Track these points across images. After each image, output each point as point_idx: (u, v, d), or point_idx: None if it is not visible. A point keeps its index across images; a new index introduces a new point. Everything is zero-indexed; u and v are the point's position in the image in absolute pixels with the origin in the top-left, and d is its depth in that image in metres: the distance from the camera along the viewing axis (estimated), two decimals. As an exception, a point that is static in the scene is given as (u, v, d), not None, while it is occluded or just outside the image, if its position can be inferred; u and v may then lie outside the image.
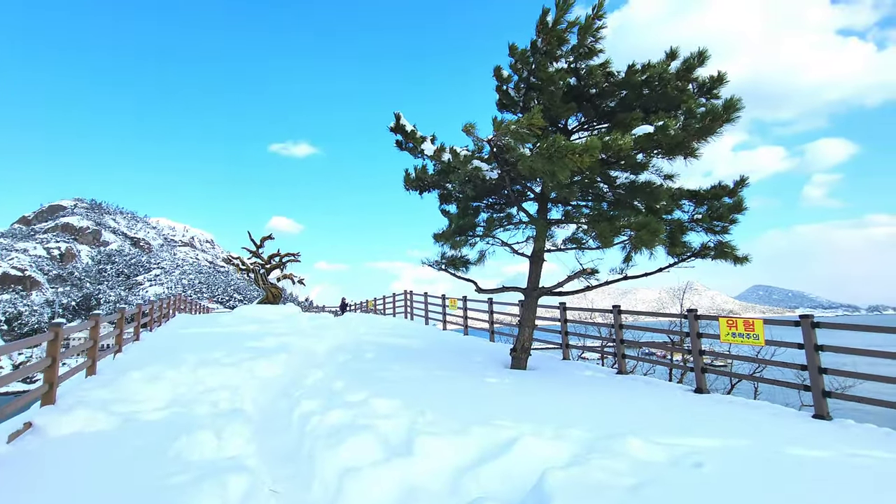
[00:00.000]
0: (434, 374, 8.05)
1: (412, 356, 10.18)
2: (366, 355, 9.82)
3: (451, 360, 10.14)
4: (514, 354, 9.82)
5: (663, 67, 8.72)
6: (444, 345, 12.66)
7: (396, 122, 8.62)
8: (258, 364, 8.71)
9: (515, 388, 7.28)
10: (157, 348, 10.01)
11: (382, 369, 8.34)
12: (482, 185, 8.93)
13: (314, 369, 8.56)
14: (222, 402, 6.32)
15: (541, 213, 9.90)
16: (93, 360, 7.48)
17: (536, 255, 9.90)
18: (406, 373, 8.09)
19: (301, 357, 9.91)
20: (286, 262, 25.07)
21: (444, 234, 9.52)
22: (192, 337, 11.71)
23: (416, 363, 9.18)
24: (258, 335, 12.06)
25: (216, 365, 8.43)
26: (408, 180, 10.60)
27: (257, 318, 16.79)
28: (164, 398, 6.62)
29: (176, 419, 5.40)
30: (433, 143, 8.89)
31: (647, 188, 8.56)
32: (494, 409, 5.67)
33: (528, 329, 9.90)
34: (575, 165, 6.74)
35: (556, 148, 6.69)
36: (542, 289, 9.70)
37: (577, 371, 9.83)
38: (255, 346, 10.61)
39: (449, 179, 10.38)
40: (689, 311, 8.76)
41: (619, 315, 10.39)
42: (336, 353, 10.44)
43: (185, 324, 14.90)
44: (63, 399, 5.93)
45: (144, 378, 7.35)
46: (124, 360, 8.86)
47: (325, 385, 7.19)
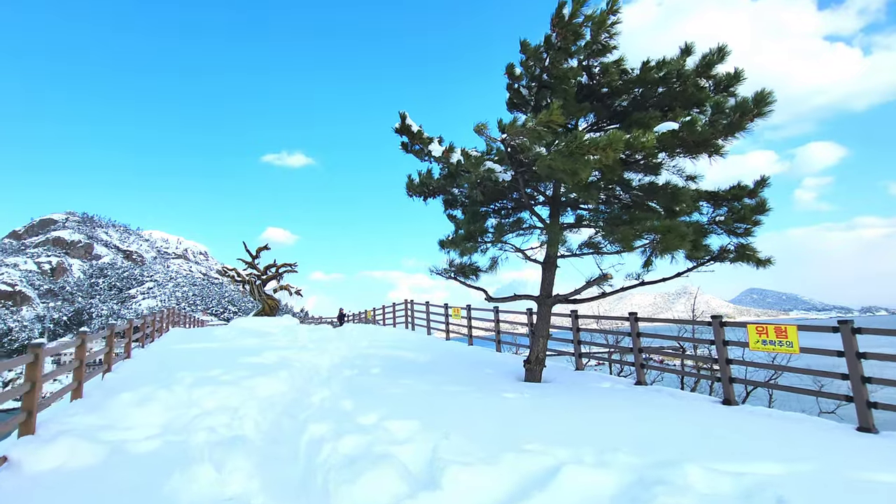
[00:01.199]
0: (447, 390, 7.53)
1: (420, 370, 9.65)
2: (372, 370, 9.29)
3: (462, 373, 9.62)
4: (529, 366, 9.32)
5: (680, 64, 8.37)
6: (451, 356, 12.14)
7: (402, 123, 8.17)
8: (259, 382, 8.14)
9: (536, 404, 6.77)
10: (150, 366, 9.42)
11: (392, 385, 7.81)
12: (494, 189, 8.49)
13: (320, 387, 8.02)
14: (221, 428, 5.76)
15: (553, 218, 9.47)
16: (79, 382, 6.90)
17: (549, 262, 9.45)
18: (417, 388, 7.57)
19: (304, 373, 9.35)
20: (283, 273, 24.48)
21: (452, 240, 9.05)
22: (186, 353, 11.12)
23: (426, 377, 8.66)
24: (257, 349, 11.49)
25: (213, 384, 7.86)
26: (411, 186, 10.15)
27: (255, 330, 16.18)
28: (156, 423, 6.06)
29: (170, 449, 4.84)
30: (441, 144, 8.46)
31: (667, 189, 8.15)
32: (521, 430, 5.16)
33: (542, 339, 9.42)
34: (598, 162, 6.31)
35: (578, 144, 6.27)
36: (558, 296, 9.23)
37: (594, 383, 9.33)
38: (254, 361, 10.04)
39: (456, 183, 9.94)
40: (714, 318, 8.32)
41: (636, 322, 9.95)
42: (340, 367, 9.89)
43: (179, 339, 14.28)
44: (44, 427, 5.36)
45: (135, 400, 6.78)
46: (114, 379, 8.28)
47: (333, 405, 6.66)
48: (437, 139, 8.49)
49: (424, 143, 8.26)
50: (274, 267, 24.54)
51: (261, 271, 24.17)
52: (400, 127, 8.23)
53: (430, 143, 8.34)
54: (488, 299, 9.81)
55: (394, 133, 8.82)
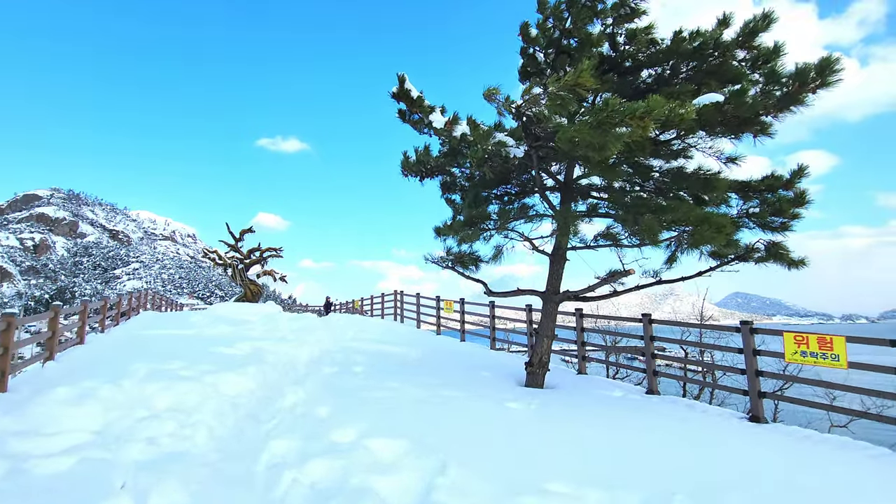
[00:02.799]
0: (441, 396, 6.52)
1: (410, 369, 8.64)
2: (355, 367, 8.25)
3: (456, 374, 8.63)
4: (531, 370, 8.35)
5: (717, 34, 7.37)
6: (444, 353, 11.15)
7: (400, 87, 7.07)
8: (224, 378, 7.07)
9: (545, 417, 5.79)
10: (103, 354, 8.29)
11: (377, 387, 6.79)
12: (502, 167, 7.44)
13: (293, 386, 6.97)
14: (164, 438, 4.71)
15: (564, 204, 8.46)
16: (2, 373, 5.78)
17: (559, 254, 8.45)
18: (407, 393, 6.55)
19: (279, 368, 8.29)
20: (267, 258, 23.24)
21: (450, 226, 8.00)
22: (150, 340, 9.98)
23: (417, 378, 7.65)
24: (230, 339, 10.39)
25: (170, 378, 6.77)
26: (406, 164, 9.06)
27: (232, 317, 15.04)
28: (88, 428, 4.97)
29: (86, 471, 3.77)
30: (443, 114, 7.39)
31: (698, 176, 7.16)
32: (536, 457, 4.17)
33: (546, 340, 8.44)
34: (631, 135, 5.29)
35: (610, 112, 5.24)
36: (567, 293, 8.24)
37: (603, 390, 8.40)
38: (223, 352, 8.94)
39: (457, 162, 8.89)
40: (744, 324, 7.40)
41: (650, 325, 9.02)
42: (320, 363, 8.84)
43: (147, 323, 13.10)
44: (-65, 433, 4.27)
45: (71, 397, 5.68)
46: (55, 370, 7.15)
47: (307, 410, 5.62)
48: (440, 108, 7.42)
49: (424, 112, 7.18)
50: (258, 251, 23.30)
51: (244, 255, 22.92)
52: (398, 91, 7.13)
53: (431, 113, 7.27)
54: (488, 293, 8.80)
55: (391, 101, 7.72)
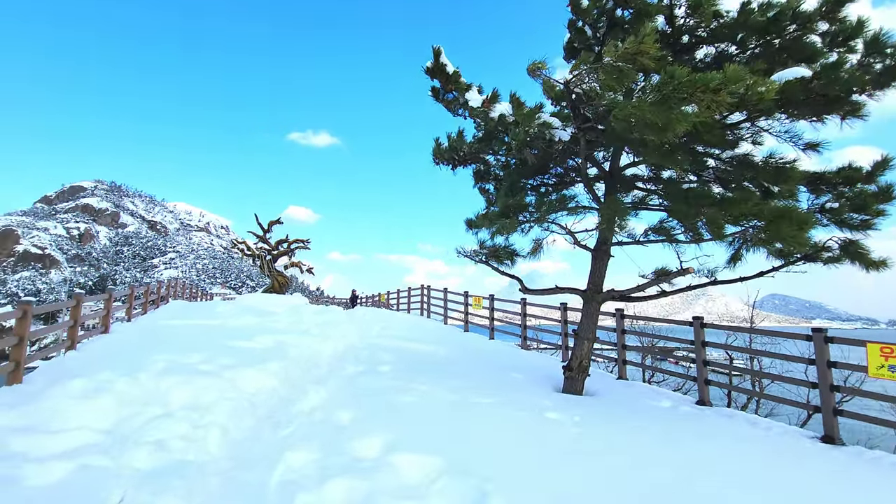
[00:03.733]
0: (473, 403, 5.95)
1: (438, 369, 8.10)
2: (381, 366, 7.77)
3: (487, 376, 8.04)
4: (569, 374, 7.68)
5: (795, 4, 6.47)
6: (473, 352, 10.57)
7: (435, 61, 6.48)
8: (243, 374, 6.71)
9: (593, 434, 5.14)
10: (125, 345, 8.09)
11: (404, 390, 6.27)
12: (544, 153, 6.77)
13: (314, 386, 6.53)
14: (174, 441, 4.31)
15: (610, 195, 7.72)
16: (17, 364, 5.54)
17: (602, 249, 7.73)
18: (436, 397, 6.01)
19: (301, 364, 7.90)
20: (294, 249, 23.17)
21: (485, 217, 7.38)
22: (174, 330, 9.80)
23: (446, 381, 7.10)
24: (253, 331, 10.10)
25: (188, 372, 6.45)
26: (438, 151, 8.49)
27: (258, 308, 14.88)
28: (96, 427, 4.64)
29: (81, 481, 3.38)
30: (481, 93, 6.77)
31: (769, 165, 6.31)
32: (592, 489, 3.55)
33: (587, 343, 7.75)
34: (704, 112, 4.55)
35: (678, 84, 4.51)
36: (611, 292, 7.52)
37: (649, 400, 7.66)
38: (245, 346, 8.63)
39: (493, 148, 8.26)
40: (816, 332, 6.53)
41: (701, 329, 8.20)
42: (344, 360, 8.40)
43: (174, 313, 13.03)
44: (-66, 428, 3.98)
45: (84, 390, 5.39)
46: (75, 360, 6.94)
47: (326, 415, 5.14)
48: (476, 87, 6.80)
49: (460, 90, 6.57)
50: (286, 242, 23.25)
51: (272, 246, 22.90)
52: (432, 66, 6.54)
53: (468, 91, 6.65)
54: (524, 290, 8.15)
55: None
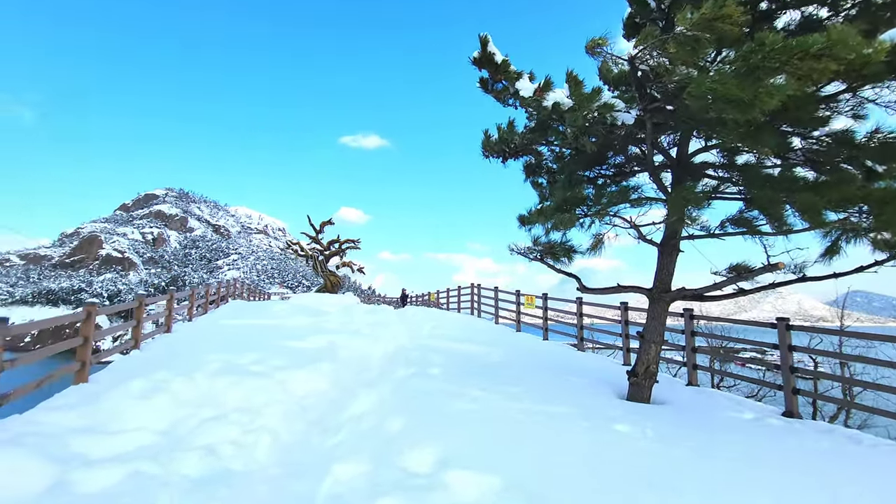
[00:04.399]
0: (532, 411, 5.53)
1: (492, 373, 7.73)
2: (432, 369, 7.50)
3: (545, 380, 7.57)
4: (635, 380, 7.07)
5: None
6: (527, 354, 10.10)
7: (482, 51, 6.10)
8: (294, 375, 6.67)
9: (671, 451, 4.58)
10: (183, 345, 8.33)
11: (457, 395, 5.95)
12: (604, 140, 6.21)
13: (365, 389, 6.36)
14: (224, 446, 4.22)
15: (678, 184, 7.02)
16: (83, 364, 5.73)
17: (670, 244, 7.04)
18: (491, 405, 5.64)
19: (351, 366, 7.79)
20: (346, 249, 23.54)
21: (539, 212, 6.91)
22: (230, 330, 10.04)
23: (502, 386, 6.71)
24: (305, 332, 10.17)
25: (241, 373, 6.48)
26: (487, 144, 8.08)
27: (311, 308, 15.14)
28: (152, 428, 4.66)
29: (131, 490, 3.31)
30: (532, 81, 6.31)
31: (875, 139, 5.41)
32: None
33: (655, 346, 7.10)
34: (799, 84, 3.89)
35: (768, 52, 3.87)
36: (681, 291, 6.83)
37: (728, 411, 6.89)
38: (297, 346, 8.66)
39: (546, 139, 7.76)
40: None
41: (787, 331, 7.32)
42: (394, 362, 8.21)
43: (232, 312, 13.47)
44: (3, 428, 4.10)
45: (142, 391, 5.49)
46: (138, 359, 7.18)
47: (377, 422, 4.91)
48: (528, 74, 6.35)
49: (510, 79, 6.15)
50: (337, 242, 23.67)
51: (324, 246, 23.39)
52: (479, 56, 6.16)
53: (519, 80, 6.22)
54: (582, 289, 7.61)
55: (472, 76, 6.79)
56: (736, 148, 7.11)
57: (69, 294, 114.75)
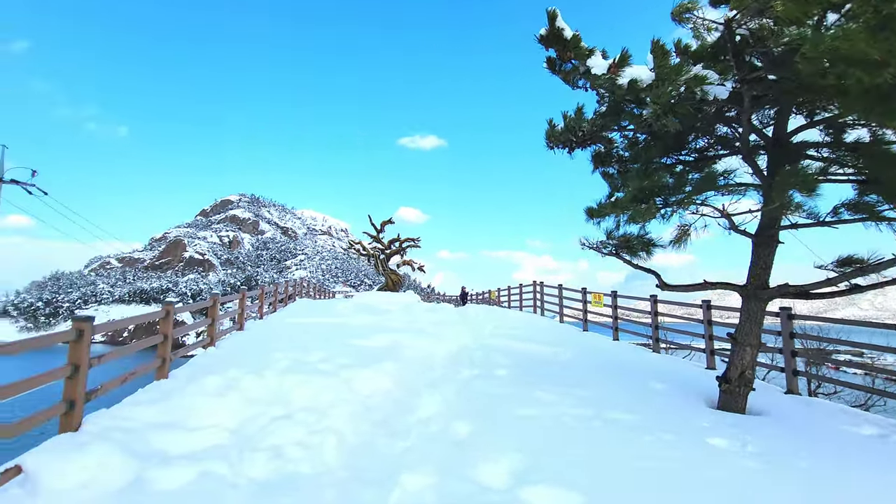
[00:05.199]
0: (610, 418, 5.05)
1: (562, 376, 7.27)
2: (497, 370, 7.17)
3: (620, 385, 7.00)
4: (728, 388, 6.33)
5: None
6: (597, 355, 9.49)
7: (550, 27, 5.66)
8: (359, 375, 6.60)
9: (775, 470, 3.96)
10: (254, 342, 8.59)
11: (526, 400, 5.59)
12: (689, 120, 5.56)
13: (429, 390, 6.16)
14: (291, 447, 4.16)
15: (774, 168, 6.19)
16: (163, 361, 5.98)
17: (768, 235, 6.23)
18: (564, 411, 5.23)
19: (415, 366, 7.64)
20: (406, 248, 23.74)
21: (613, 203, 6.36)
22: (297, 328, 10.29)
23: (572, 390, 6.26)
24: (368, 330, 10.21)
25: (308, 372, 6.51)
26: (552, 134, 7.59)
27: (373, 306, 15.31)
28: (225, 426, 4.72)
29: (200, 490, 3.28)
30: (606, 58, 5.79)
31: None
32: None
33: (750, 350, 6.32)
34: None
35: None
36: (784, 288, 6.02)
37: (840, 423, 5.98)
38: (361, 345, 8.66)
39: (618, 124, 7.18)
40: None
41: (916, 335, 6.24)
42: (458, 363, 7.97)
43: (299, 310, 13.91)
44: (92, 422, 4.28)
45: (216, 388, 5.63)
46: (213, 356, 7.46)
47: (443, 427, 4.67)
48: (601, 51, 5.83)
49: (581, 56, 5.66)
50: (398, 241, 23.93)
51: (385, 245, 23.73)
52: (547, 33, 5.73)
53: (590, 57, 5.72)
54: (663, 286, 6.94)
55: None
56: (844, 124, 6.18)
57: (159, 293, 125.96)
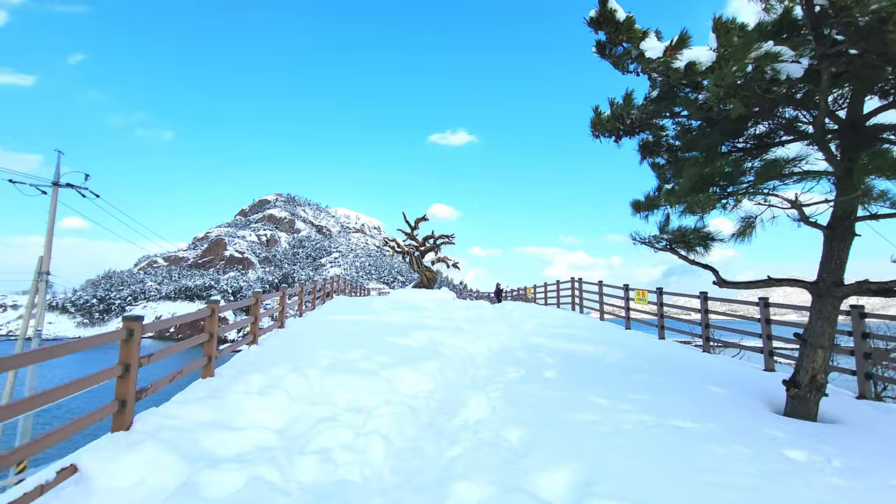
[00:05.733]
0: (670, 426, 4.71)
1: (612, 377, 6.92)
2: (544, 371, 6.90)
3: (676, 388, 6.59)
4: (797, 392, 5.84)
5: None
6: (647, 356, 9.03)
7: (601, 8, 5.30)
8: (401, 373, 6.48)
9: (869, 489, 3.54)
10: (296, 340, 8.62)
11: (579, 404, 5.31)
12: (757, 100, 5.09)
13: (473, 391, 5.96)
14: (338, 452, 4.04)
15: (846, 154, 5.64)
16: (209, 359, 6.03)
17: (842, 227, 5.69)
18: (623, 417, 4.92)
19: (456, 365, 7.46)
20: (440, 245, 23.61)
21: (670, 193, 5.93)
22: (337, 326, 10.30)
23: (626, 393, 5.92)
24: (406, 327, 10.10)
25: (350, 371, 6.43)
26: (598, 122, 7.22)
27: (410, 303, 15.23)
28: (271, 426, 4.68)
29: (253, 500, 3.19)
30: (660, 39, 5.40)
31: None
32: None
33: (822, 352, 5.81)
34: None
35: None
36: (863, 284, 5.48)
37: (931, 435, 5.40)
38: (400, 343, 8.56)
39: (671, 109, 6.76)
40: None
41: None
42: (501, 361, 7.74)
43: (338, 308, 13.98)
44: (143, 421, 4.31)
45: (260, 387, 5.62)
46: (256, 354, 7.50)
47: (493, 433, 4.46)
48: (655, 32, 5.45)
49: (634, 39, 5.29)
50: (432, 238, 23.82)
51: (419, 242, 23.67)
52: (597, 15, 5.38)
53: (644, 39, 5.34)
54: (722, 283, 6.47)
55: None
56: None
57: (202, 290, 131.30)
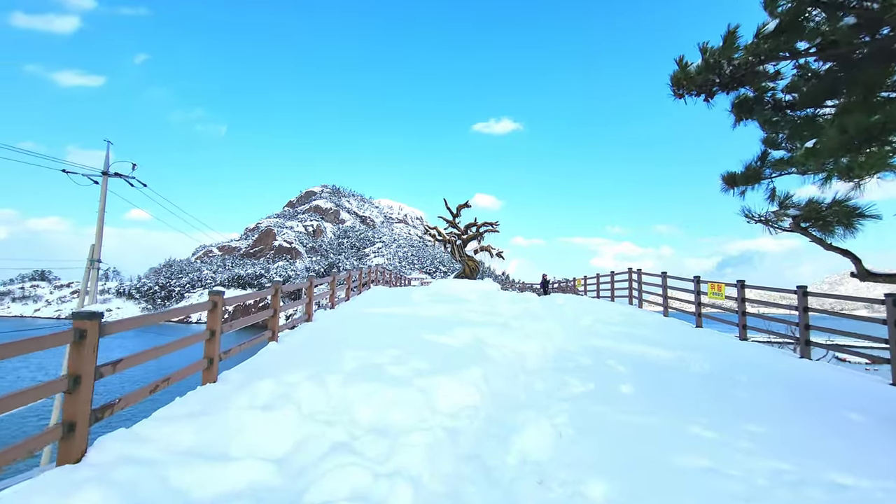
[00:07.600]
0: (828, 483, 3.25)
1: (706, 394, 5.42)
2: (620, 385, 5.49)
3: (799, 413, 5.02)
4: None
5: None
6: (737, 364, 7.38)
7: None
8: (439, 383, 5.28)
9: None
10: (321, 336, 7.63)
11: (677, 438, 3.91)
12: None
13: (531, 412, 4.67)
14: None
15: None
16: (211, 362, 5.07)
17: None
18: (745, 463, 3.49)
19: (505, 371, 6.19)
20: (483, 233, 22.24)
21: (811, 151, 4.35)
22: (370, 320, 9.26)
23: (740, 423, 4.45)
24: (446, 323, 8.91)
25: (377, 378, 5.30)
26: (684, 76, 5.66)
27: (451, 295, 14.04)
28: (271, 455, 3.61)
29: None
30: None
31: None
32: None
33: None
34: None
35: None
36: None
37: None
38: (439, 342, 7.37)
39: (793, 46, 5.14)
40: None
41: None
42: (561, 370, 6.39)
43: (374, 299, 13.02)
44: (101, 449, 3.34)
45: (268, 398, 4.59)
46: (274, 353, 6.54)
47: (565, 484, 3.17)
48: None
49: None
50: (475, 226, 22.49)
51: (461, 230, 22.40)
52: None
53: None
54: (863, 275, 4.81)
55: None
56: None
57: (253, 279, 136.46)
